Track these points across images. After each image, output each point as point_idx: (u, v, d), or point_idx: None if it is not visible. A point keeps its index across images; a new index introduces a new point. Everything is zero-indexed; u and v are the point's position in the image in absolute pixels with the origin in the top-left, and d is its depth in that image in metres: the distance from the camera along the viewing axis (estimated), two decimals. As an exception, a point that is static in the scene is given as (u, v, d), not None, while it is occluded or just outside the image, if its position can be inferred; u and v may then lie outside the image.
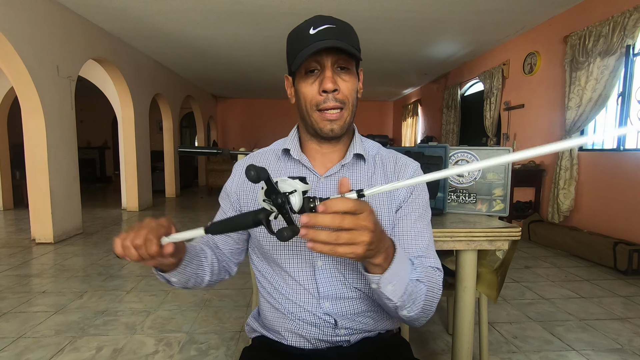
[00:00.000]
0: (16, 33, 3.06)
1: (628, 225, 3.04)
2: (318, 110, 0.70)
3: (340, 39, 0.66)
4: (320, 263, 0.73)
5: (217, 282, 0.81)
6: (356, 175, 0.77)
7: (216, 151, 1.37)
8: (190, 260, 0.69)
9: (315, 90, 0.69)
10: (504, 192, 1.29)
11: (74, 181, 3.86)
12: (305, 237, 0.46)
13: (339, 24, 0.68)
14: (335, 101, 0.68)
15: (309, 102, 0.70)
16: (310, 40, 0.66)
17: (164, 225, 0.54)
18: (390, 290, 0.58)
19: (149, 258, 0.53)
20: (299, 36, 0.68)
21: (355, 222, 0.47)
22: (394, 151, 0.83)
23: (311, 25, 0.67)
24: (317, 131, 0.72)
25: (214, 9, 3.77)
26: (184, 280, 0.70)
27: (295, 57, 0.68)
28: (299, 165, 0.77)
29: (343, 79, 0.69)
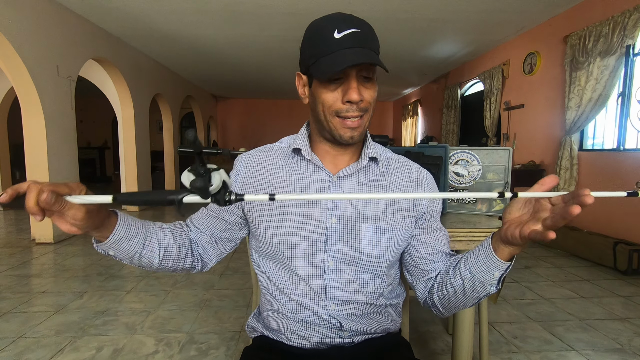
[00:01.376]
0: (16, 33, 3.06)
1: (628, 225, 3.04)
2: (337, 117, 0.68)
3: (365, 46, 0.64)
4: (332, 263, 0.73)
5: (181, 270, 0.76)
6: (369, 176, 0.77)
7: (216, 151, 1.37)
8: (129, 237, 0.64)
9: (336, 98, 0.67)
10: (504, 192, 1.29)
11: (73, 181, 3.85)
12: (582, 198, 0.46)
13: (362, 27, 0.66)
14: (358, 110, 0.68)
15: (327, 108, 0.68)
16: (335, 46, 0.64)
17: (69, 186, 0.51)
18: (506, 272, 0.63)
19: (39, 209, 0.48)
20: (322, 38, 0.65)
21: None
22: (404, 157, 0.84)
23: (335, 28, 0.64)
24: (336, 137, 0.70)
25: (214, 9, 3.77)
26: (124, 256, 0.66)
27: (317, 61, 0.65)
28: (310, 165, 0.76)
29: (366, 87, 0.68)
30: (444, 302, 0.72)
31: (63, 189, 0.49)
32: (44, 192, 0.47)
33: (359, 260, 0.73)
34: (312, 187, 0.75)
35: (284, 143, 0.82)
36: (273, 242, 0.74)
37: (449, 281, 0.70)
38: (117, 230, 0.62)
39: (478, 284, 0.64)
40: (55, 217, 0.51)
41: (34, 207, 0.47)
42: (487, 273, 0.62)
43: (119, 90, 4.98)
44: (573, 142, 3.55)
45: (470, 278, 0.65)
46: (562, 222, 0.49)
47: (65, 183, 0.50)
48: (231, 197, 0.47)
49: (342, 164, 0.77)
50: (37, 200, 0.47)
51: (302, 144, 0.76)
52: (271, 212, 0.74)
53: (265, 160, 0.79)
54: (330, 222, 0.73)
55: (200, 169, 0.45)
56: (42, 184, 0.48)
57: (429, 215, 0.78)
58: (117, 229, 0.62)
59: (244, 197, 0.47)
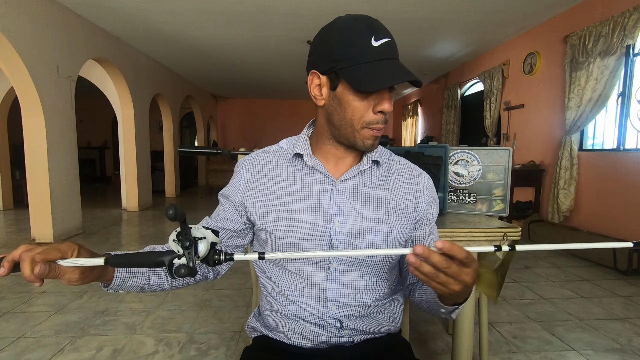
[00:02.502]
0: (16, 33, 3.06)
1: (628, 225, 3.04)
2: (368, 127, 0.68)
3: (398, 57, 0.66)
4: (335, 265, 0.73)
5: (194, 283, 0.78)
6: (371, 179, 0.77)
7: (216, 151, 1.37)
8: (131, 275, 0.66)
9: (369, 108, 0.66)
10: (504, 192, 1.29)
11: (74, 181, 3.86)
12: (412, 264, 0.50)
13: (391, 36, 0.66)
14: (385, 121, 0.69)
15: (358, 118, 0.67)
16: (374, 55, 0.62)
17: (60, 249, 0.53)
18: (455, 313, 0.68)
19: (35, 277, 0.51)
20: (359, 43, 0.63)
21: (458, 272, 0.51)
22: (404, 158, 0.84)
23: (372, 34, 0.63)
24: (359, 146, 0.70)
25: (214, 9, 3.77)
26: (134, 290, 0.69)
27: (353, 66, 0.63)
28: (311, 170, 0.76)
29: (391, 97, 0.69)
30: (420, 305, 0.76)
31: (55, 254, 0.52)
32: (37, 263, 0.50)
33: (363, 263, 0.73)
34: (315, 192, 0.74)
35: (284, 146, 0.81)
36: (277, 247, 0.74)
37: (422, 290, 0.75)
38: (117, 274, 0.65)
39: (433, 309, 0.71)
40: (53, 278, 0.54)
41: (31, 276, 0.50)
42: (435, 305, 0.68)
43: (119, 90, 4.98)
44: (573, 142, 3.55)
45: (426, 301, 0.73)
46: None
47: (56, 246, 0.53)
48: (220, 257, 0.51)
49: (344, 167, 0.76)
50: (32, 271, 0.50)
51: (303, 149, 0.75)
52: (275, 217, 0.74)
53: (267, 164, 0.78)
54: (334, 226, 0.72)
55: (185, 240, 0.48)
56: (34, 252, 0.51)
57: (425, 218, 0.78)
58: (116, 274, 0.65)
59: (234, 256, 0.51)
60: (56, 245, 0.53)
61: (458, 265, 0.51)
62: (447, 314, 0.68)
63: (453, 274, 0.51)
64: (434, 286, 0.53)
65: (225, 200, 0.80)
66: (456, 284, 0.52)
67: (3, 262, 0.50)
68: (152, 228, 4.26)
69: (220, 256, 0.50)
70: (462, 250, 0.50)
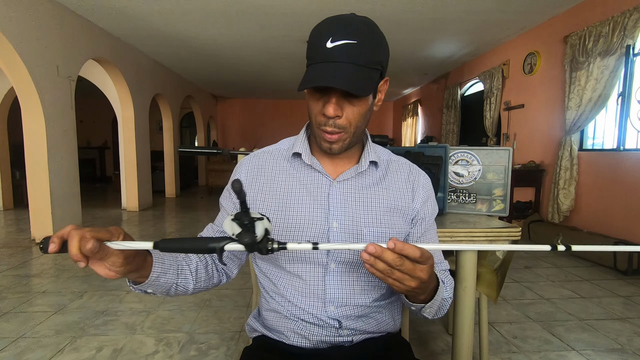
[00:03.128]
0: (16, 33, 3.06)
1: (628, 225, 3.04)
2: (319, 129, 0.68)
3: (358, 62, 0.61)
4: (333, 266, 0.73)
5: (212, 287, 0.78)
6: (369, 180, 0.77)
7: (216, 151, 1.37)
8: (165, 270, 0.65)
9: (318, 110, 0.66)
10: (504, 192, 1.29)
11: (74, 181, 3.86)
12: (366, 262, 0.51)
13: (363, 38, 0.61)
14: (334, 126, 0.66)
15: (313, 118, 0.69)
16: (322, 56, 0.61)
17: (110, 231, 0.52)
18: (427, 312, 0.69)
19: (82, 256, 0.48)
20: (316, 45, 0.63)
21: (412, 269, 0.52)
22: (403, 158, 0.83)
23: (330, 36, 0.61)
24: (319, 145, 0.71)
25: (214, 9, 3.77)
26: (161, 290, 0.67)
27: (308, 66, 0.64)
28: (310, 169, 0.76)
29: (352, 103, 0.65)
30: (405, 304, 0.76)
31: (104, 235, 0.50)
32: (88, 240, 0.48)
33: (361, 263, 0.73)
34: (313, 192, 0.74)
35: (283, 146, 0.81)
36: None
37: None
38: (155, 268, 0.63)
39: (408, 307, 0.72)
40: (95, 263, 0.51)
41: (78, 254, 0.48)
42: (407, 304, 0.69)
43: (119, 90, 4.98)
44: (573, 142, 3.55)
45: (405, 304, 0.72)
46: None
47: (106, 229, 0.51)
48: (273, 245, 0.49)
49: (342, 168, 0.76)
50: (79, 248, 0.48)
51: (302, 148, 0.76)
52: (273, 218, 0.74)
53: (266, 165, 0.78)
54: (332, 227, 0.72)
55: (244, 218, 0.47)
56: (84, 231, 0.49)
57: (420, 218, 0.78)
58: (154, 267, 0.63)
59: (287, 246, 0.49)
60: (106, 228, 0.51)
61: (412, 262, 0.52)
62: (418, 312, 0.69)
63: (407, 271, 0.52)
64: (390, 283, 0.54)
65: (226, 203, 0.80)
66: (411, 280, 0.53)
67: (53, 238, 0.48)
68: (152, 228, 4.26)
69: (274, 244, 0.49)
70: (415, 250, 0.51)
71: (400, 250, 0.50)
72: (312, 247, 0.49)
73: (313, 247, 0.49)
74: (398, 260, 0.50)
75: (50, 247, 0.48)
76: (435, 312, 0.70)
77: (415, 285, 0.54)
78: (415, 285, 0.54)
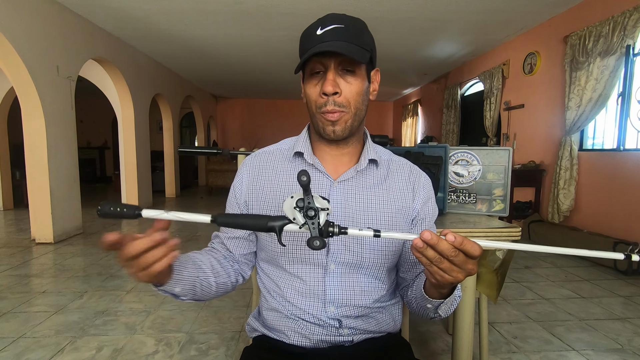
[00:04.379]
0: (16, 33, 3.06)
1: (628, 225, 3.04)
2: (320, 112, 0.69)
3: (348, 40, 0.64)
4: (333, 267, 0.73)
5: (231, 287, 0.77)
6: (370, 179, 0.77)
7: (216, 151, 1.37)
8: (184, 264, 0.65)
9: (317, 92, 0.68)
10: (504, 192, 1.29)
11: (74, 181, 3.86)
12: (417, 248, 0.49)
13: (349, 22, 0.67)
14: (335, 105, 0.67)
15: (312, 104, 0.70)
16: (315, 42, 0.65)
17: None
18: (443, 309, 0.67)
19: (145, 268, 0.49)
20: (308, 36, 0.68)
21: (464, 262, 0.50)
22: (404, 159, 0.84)
23: (319, 25, 0.66)
24: (321, 132, 0.72)
25: (214, 9, 3.77)
26: (188, 287, 0.65)
27: (302, 56, 0.67)
28: (312, 169, 0.76)
29: (347, 81, 0.67)
30: (410, 304, 0.76)
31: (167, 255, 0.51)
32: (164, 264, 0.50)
33: (361, 264, 0.73)
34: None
35: (284, 145, 0.82)
36: (275, 250, 0.74)
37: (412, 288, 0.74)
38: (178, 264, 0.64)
39: (421, 306, 0.70)
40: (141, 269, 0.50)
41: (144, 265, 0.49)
42: (422, 300, 0.67)
43: (119, 90, 4.98)
44: (573, 142, 3.55)
45: (415, 299, 0.71)
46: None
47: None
48: (334, 229, 0.48)
49: (342, 168, 0.77)
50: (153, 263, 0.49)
51: (304, 147, 0.76)
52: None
53: (267, 165, 0.79)
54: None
55: (310, 209, 0.47)
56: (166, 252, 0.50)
57: (420, 218, 0.78)
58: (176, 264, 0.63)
59: (347, 231, 0.49)
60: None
61: (465, 256, 0.50)
62: (434, 310, 0.67)
63: (459, 263, 0.50)
64: (435, 271, 0.51)
65: (232, 207, 0.80)
66: (460, 272, 0.51)
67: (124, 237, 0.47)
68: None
69: (335, 229, 0.48)
70: (476, 247, 0.49)
71: (459, 245, 0.48)
72: (374, 235, 0.49)
73: (374, 234, 0.48)
74: (453, 251, 0.49)
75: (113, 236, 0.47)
76: (447, 309, 0.69)
77: (462, 278, 0.52)
78: (462, 278, 0.52)
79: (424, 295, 0.66)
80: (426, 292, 0.65)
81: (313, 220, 0.47)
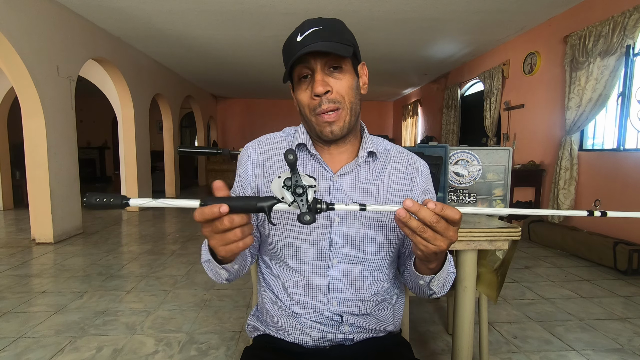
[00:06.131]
0: (16, 33, 3.06)
1: (628, 225, 3.04)
2: (316, 115, 0.69)
3: (328, 39, 0.65)
4: (336, 261, 0.73)
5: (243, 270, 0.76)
6: (368, 172, 0.77)
7: (216, 151, 1.37)
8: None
9: (309, 95, 0.69)
10: (504, 192, 1.29)
11: (74, 181, 3.86)
12: (400, 218, 0.50)
13: (326, 24, 0.68)
14: (329, 102, 0.68)
15: (306, 108, 0.70)
16: (297, 48, 0.66)
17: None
18: (435, 284, 0.68)
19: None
20: (289, 45, 0.68)
21: (445, 228, 0.51)
22: (402, 148, 0.84)
23: (298, 32, 0.67)
24: (319, 134, 0.72)
25: (214, 9, 3.77)
26: (238, 266, 0.68)
27: (286, 65, 0.68)
28: (313, 161, 0.77)
29: (336, 78, 0.68)
30: (407, 284, 0.78)
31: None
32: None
33: (363, 258, 0.74)
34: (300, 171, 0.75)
35: (286, 135, 0.83)
36: (277, 242, 0.74)
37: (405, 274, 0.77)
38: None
39: (416, 287, 0.73)
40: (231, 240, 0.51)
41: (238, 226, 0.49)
42: (415, 278, 0.69)
43: (119, 90, 4.98)
44: (573, 142, 3.55)
45: (410, 281, 0.74)
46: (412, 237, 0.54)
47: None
48: (322, 205, 0.49)
49: (341, 162, 0.77)
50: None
51: (305, 139, 0.77)
52: (278, 212, 0.74)
53: (273, 153, 0.80)
54: (334, 222, 0.73)
55: (298, 187, 0.47)
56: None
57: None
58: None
59: (335, 206, 0.49)
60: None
61: (446, 222, 0.51)
62: (427, 286, 0.68)
63: (441, 230, 0.51)
64: (418, 241, 0.52)
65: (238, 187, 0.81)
66: (442, 240, 0.52)
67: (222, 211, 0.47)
68: (152, 228, 4.26)
69: (322, 205, 0.49)
70: (455, 212, 0.50)
71: (439, 211, 0.49)
72: (360, 209, 0.49)
73: (360, 208, 0.49)
74: (434, 217, 0.49)
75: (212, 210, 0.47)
76: (442, 286, 0.69)
77: (444, 247, 0.53)
78: (444, 247, 0.53)
79: (414, 272, 0.67)
80: (416, 269, 0.67)
81: (302, 197, 0.47)
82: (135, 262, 2.97)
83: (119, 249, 3.34)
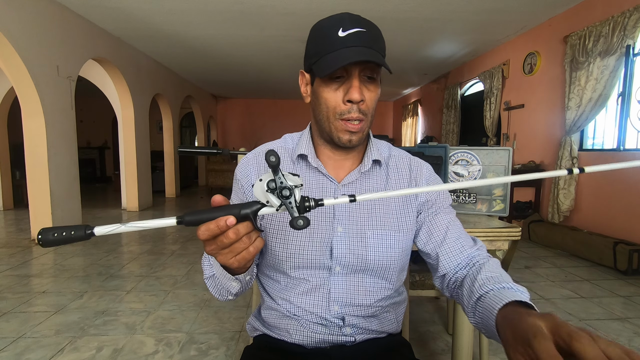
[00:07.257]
0: (16, 33, 3.06)
1: (628, 225, 3.04)
2: (340, 119, 0.67)
3: (370, 46, 0.63)
4: (338, 269, 0.73)
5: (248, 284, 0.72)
6: (373, 181, 0.76)
7: (216, 151, 1.37)
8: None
9: (339, 98, 0.66)
10: (504, 192, 1.29)
11: (74, 181, 3.86)
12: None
13: (368, 27, 0.64)
14: (359, 112, 0.66)
15: (331, 110, 0.67)
16: (338, 44, 0.62)
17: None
18: None
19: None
20: (327, 36, 0.64)
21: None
22: (403, 151, 0.82)
23: (340, 26, 0.63)
24: (334, 139, 0.69)
25: (214, 9, 3.77)
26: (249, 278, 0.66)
27: (320, 59, 0.64)
28: (315, 172, 0.75)
29: (369, 89, 0.66)
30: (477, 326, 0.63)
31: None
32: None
33: (366, 267, 0.73)
34: (318, 196, 0.74)
35: (285, 143, 0.80)
36: (278, 252, 0.73)
37: (463, 295, 0.64)
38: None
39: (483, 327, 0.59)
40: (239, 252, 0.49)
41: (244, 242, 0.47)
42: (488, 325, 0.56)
43: (119, 90, 4.98)
44: (573, 142, 3.55)
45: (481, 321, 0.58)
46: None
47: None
48: (310, 203, 0.46)
49: (345, 170, 0.76)
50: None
51: (307, 150, 0.75)
52: (277, 222, 0.73)
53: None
54: (336, 231, 0.72)
55: (284, 189, 0.44)
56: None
57: (431, 201, 0.76)
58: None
59: (324, 201, 0.46)
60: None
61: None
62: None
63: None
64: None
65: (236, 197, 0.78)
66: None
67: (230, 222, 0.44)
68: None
69: (310, 202, 0.46)
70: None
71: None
72: (349, 200, 0.45)
73: (350, 200, 0.45)
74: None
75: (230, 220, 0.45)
76: None
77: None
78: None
79: (494, 332, 0.53)
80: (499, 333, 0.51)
81: (289, 199, 0.45)
82: (135, 262, 2.97)
83: (118, 249, 3.34)
